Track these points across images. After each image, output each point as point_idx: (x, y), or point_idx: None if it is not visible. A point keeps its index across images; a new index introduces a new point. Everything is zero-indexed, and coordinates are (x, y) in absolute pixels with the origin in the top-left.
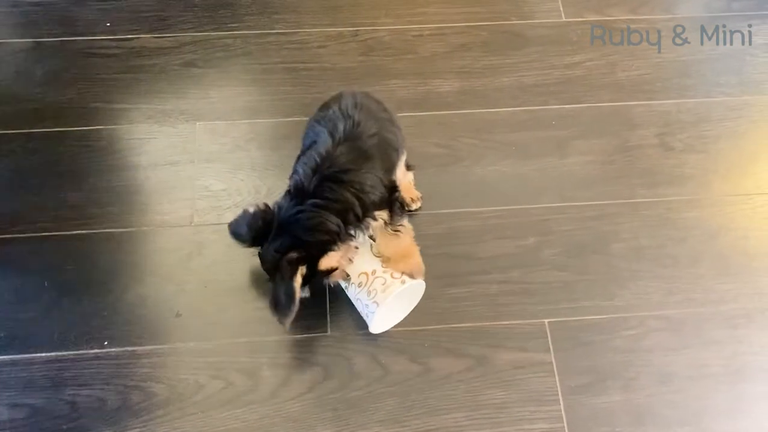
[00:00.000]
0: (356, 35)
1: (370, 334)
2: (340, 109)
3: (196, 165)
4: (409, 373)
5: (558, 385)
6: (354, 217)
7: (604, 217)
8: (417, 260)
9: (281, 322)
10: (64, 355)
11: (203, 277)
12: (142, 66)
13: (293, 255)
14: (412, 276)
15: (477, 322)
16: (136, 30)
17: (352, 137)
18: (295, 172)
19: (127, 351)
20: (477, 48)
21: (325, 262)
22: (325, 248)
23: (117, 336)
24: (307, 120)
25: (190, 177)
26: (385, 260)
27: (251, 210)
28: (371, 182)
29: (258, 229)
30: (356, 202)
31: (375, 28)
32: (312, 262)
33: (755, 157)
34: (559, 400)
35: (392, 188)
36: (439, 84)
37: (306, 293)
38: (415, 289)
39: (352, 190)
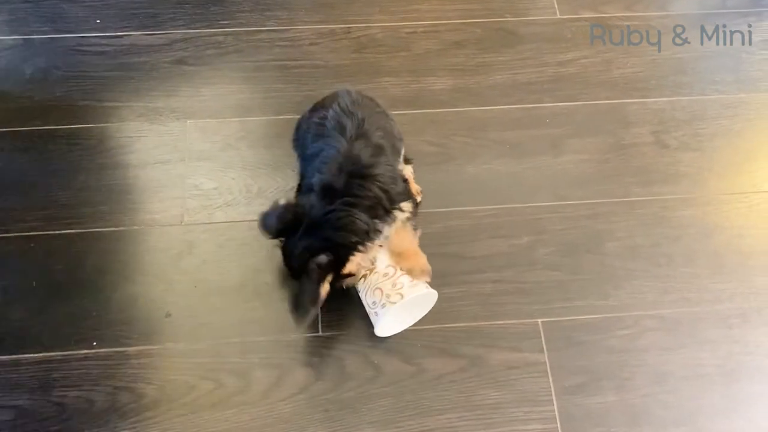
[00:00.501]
0: (349, 32)
1: (363, 334)
2: (340, 107)
3: (187, 163)
4: (402, 374)
5: (552, 385)
6: (383, 211)
7: (598, 215)
8: (425, 261)
9: (298, 323)
10: (52, 356)
11: (193, 276)
12: (132, 63)
13: (324, 259)
14: (422, 273)
15: (470, 321)
16: (127, 27)
17: (361, 134)
18: (318, 171)
19: (117, 351)
20: (471, 45)
21: (349, 266)
22: (352, 250)
23: (106, 336)
24: (300, 119)
25: (181, 175)
26: (396, 254)
27: (282, 202)
28: (391, 174)
29: (287, 222)
30: (383, 196)
31: (368, 25)
32: (338, 265)
33: (751, 155)
34: (552, 400)
35: (405, 181)
36: (432, 82)
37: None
38: (430, 298)
39: (378, 183)
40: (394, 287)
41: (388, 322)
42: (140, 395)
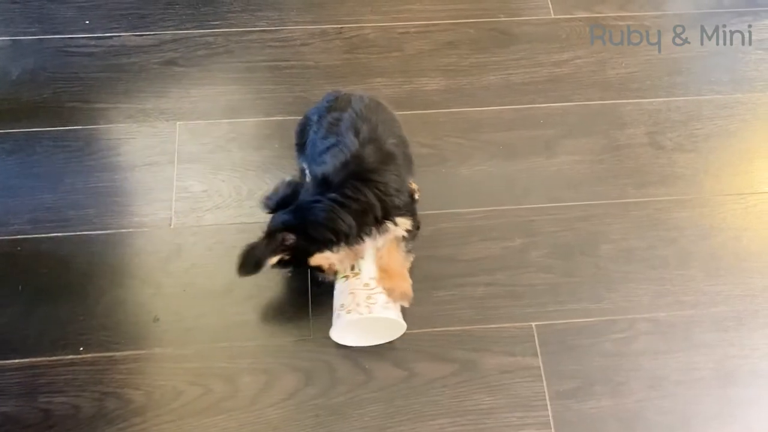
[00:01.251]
0: (340, 33)
1: None
2: (355, 111)
3: (176, 166)
4: (393, 379)
5: (546, 389)
6: (373, 219)
7: (592, 217)
8: (408, 286)
9: (238, 273)
10: (38, 361)
11: (182, 280)
12: (121, 65)
13: (291, 239)
14: (402, 297)
15: (462, 325)
16: (116, 28)
17: (374, 138)
18: (324, 162)
19: (104, 357)
20: (464, 46)
21: (315, 260)
22: (324, 246)
23: (93, 341)
24: (304, 119)
25: (170, 178)
26: (382, 270)
27: (288, 179)
28: (396, 185)
29: (286, 197)
30: (378, 205)
31: (360, 25)
32: (305, 252)
33: (747, 155)
34: (546, 405)
35: (411, 196)
36: (424, 82)
37: (287, 273)
38: (396, 327)
39: (377, 191)
40: (368, 300)
41: (344, 331)
42: (127, 401)
